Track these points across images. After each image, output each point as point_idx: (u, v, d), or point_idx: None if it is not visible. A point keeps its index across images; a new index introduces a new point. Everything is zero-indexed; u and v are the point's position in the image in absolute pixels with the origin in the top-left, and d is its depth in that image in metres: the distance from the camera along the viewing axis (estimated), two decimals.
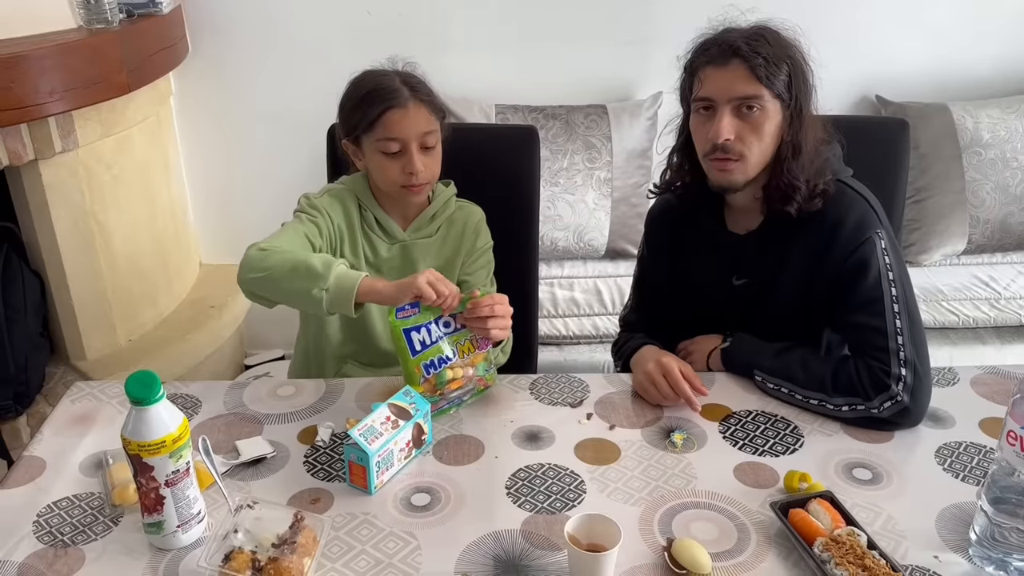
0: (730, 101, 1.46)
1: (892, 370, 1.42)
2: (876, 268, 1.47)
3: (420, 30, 2.77)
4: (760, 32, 1.47)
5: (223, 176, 2.99)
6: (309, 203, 1.63)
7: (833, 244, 1.50)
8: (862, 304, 1.48)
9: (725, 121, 1.47)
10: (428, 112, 1.58)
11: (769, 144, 1.49)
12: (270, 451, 1.38)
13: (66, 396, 1.54)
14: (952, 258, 2.79)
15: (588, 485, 1.32)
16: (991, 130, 2.72)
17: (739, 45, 1.44)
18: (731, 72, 1.45)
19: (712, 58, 1.48)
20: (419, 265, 1.71)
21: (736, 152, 1.48)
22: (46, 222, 2.30)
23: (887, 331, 1.45)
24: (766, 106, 1.46)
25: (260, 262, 1.45)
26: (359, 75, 1.65)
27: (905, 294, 1.48)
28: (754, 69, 1.44)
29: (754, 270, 1.61)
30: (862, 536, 1.15)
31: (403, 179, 1.58)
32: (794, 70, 1.46)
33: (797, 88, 1.47)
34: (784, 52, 1.46)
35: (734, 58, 1.45)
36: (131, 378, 1.12)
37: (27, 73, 2.02)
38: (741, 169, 1.50)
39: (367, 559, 1.17)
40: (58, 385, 2.39)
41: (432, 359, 1.45)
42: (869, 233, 1.48)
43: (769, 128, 1.47)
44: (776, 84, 1.45)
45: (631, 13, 2.77)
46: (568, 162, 2.69)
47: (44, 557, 1.17)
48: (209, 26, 2.75)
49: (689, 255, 1.70)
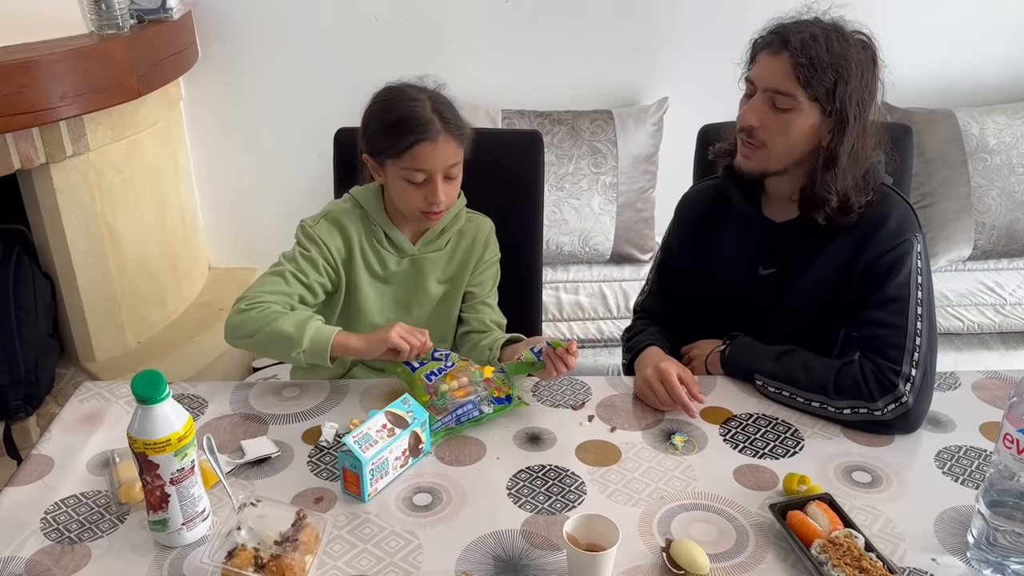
0: (766, 90, 1.47)
1: (903, 369, 1.43)
2: (908, 268, 1.48)
3: (427, 36, 2.79)
4: (825, 32, 1.45)
5: (232, 180, 3.01)
6: (305, 234, 1.65)
7: (872, 241, 1.51)
8: (887, 301, 1.49)
9: (755, 106, 1.49)
10: (456, 144, 1.57)
11: (797, 143, 1.49)
12: (274, 451, 1.40)
13: (74, 396, 1.56)
14: (958, 263, 2.79)
15: (588, 486, 1.33)
16: (997, 136, 2.72)
17: (793, 39, 1.44)
18: (777, 63, 1.46)
19: (768, 43, 1.48)
20: (428, 278, 1.72)
21: (759, 140, 1.50)
22: (57, 225, 2.33)
23: (907, 331, 1.46)
24: (800, 105, 1.46)
25: (242, 329, 1.54)
26: (388, 92, 1.61)
27: (929, 301, 1.49)
28: (796, 67, 1.43)
29: (784, 260, 1.61)
30: (860, 538, 1.15)
31: (424, 206, 1.60)
32: (845, 80, 1.44)
33: (843, 98, 1.44)
34: (840, 59, 1.43)
35: (784, 50, 1.45)
36: (137, 377, 1.13)
37: (39, 78, 2.05)
38: (761, 157, 1.51)
39: (368, 558, 1.18)
40: (67, 386, 2.42)
41: (433, 369, 1.50)
42: (909, 235, 1.50)
43: (799, 127, 1.47)
44: (816, 88, 1.44)
45: (637, 19, 2.78)
46: (574, 167, 2.70)
47: (51, 553, 1.18)
48: (218, 32, 2.78)
49: (719, 240, 1.70)
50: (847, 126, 1.46)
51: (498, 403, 1.48)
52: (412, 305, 1.74)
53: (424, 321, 1.75)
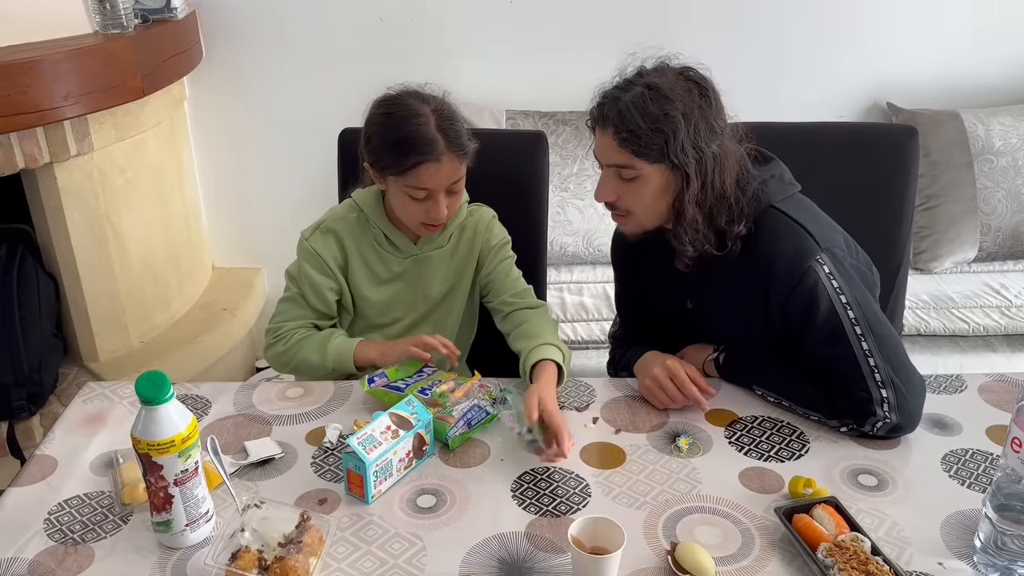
0: (608, 165, 1.46)
1: (873, 395, 1.39)
2: (826, 297, 1.41)
3: (432, 36, 2.79)
4: (640, 98, 1.39)
5: (235, 180, 3.01)
6: (301, 248, 1.69)
7: (772, 279, 1.45)
8: (824, 338, 1.43)
9: (605, 182, 1.48)
10: (460, 162, 1.57)
11: (658, 203, 1.46)
12: (278, 452, 1.39)
13: (78, 396, 1.55)
14: (963, 265, 2.78)
15: (593, 489, 1.32)
16: (1003, 137, 2.71)
17: (609, 115, 1.41)
18: (605, 139, 1.44)
19: (596, 119, 1.46)
20: (432, 276, 1.73)
21: (622, 209, 1.49)
22: (61, 225, 2.33)
23: (856, 358, 1.41)
24: (641, 172, 1.42)
25: (278, 366, 1.70)
26: (390, 104, 1.58)
27: (864, 314, 1.42)
28: (622, 142, 1.41)
29: (699, 295, 1.59)
30: (866, 542, 1.15)
31: (426, 220, 1.60)
32: (672, 135, 1.38)
33: (677, 152, 1.39)
34: (662, 118, 1.38)
35: (608, 125, 1.42)
36: (141, 378, 1.13)
37: (43, 77, 2.05)
38: (633, 223, 1.51)
39: (372, 559, 1.18)
40: (71, 386, 2.41)
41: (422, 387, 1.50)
42: (808, 263, 1.42)
43: (651, 190, 1.44)
44: (649, 153, 1.40)
45: (642, 19, 2.78)
46: (578, 167, 2.70)
47: (54, 554, 1.18)
48: (223, 32, 2.78)
49: (648, 277, 1.69)
50: (688, 178, 1.41)
51: (499, 404, 1.49)
52: (417, 303, 1.74)
53: (429, 318, 1.75)
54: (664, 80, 1.41)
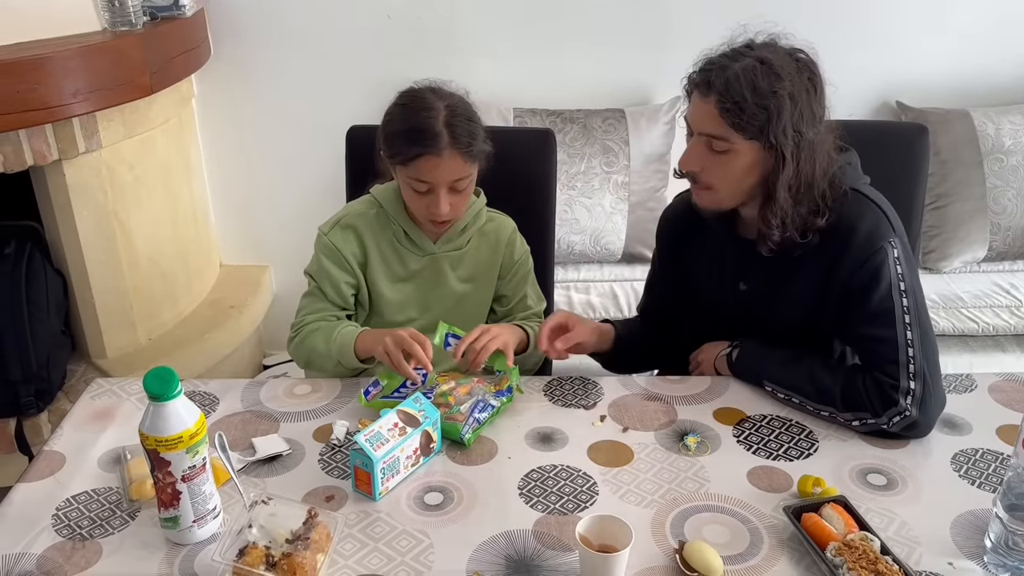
0: (700, 134, 1.44)
1: (901, 384, 1.40)
2: (888, 279, 1.43)
3: (440, 34, 2.78)
4: (751, 68, 1.37)
5: (243, 177, 3.01)
6: (320, 243, 1.69)
7: (845, 253, 1.46)
8: (873, 316, 1.45)
9: (693, 150, 1.45)
10: (463, 160, 1.55)
11: (742, 181, 1.45)
12: (285, 448, 1.39)
13: (86, 392, 1.56)
14: (972, 265, 2.77)
15: (601, 487, 1.32)
16: (1013, 136, 2.69)
17: (716, 82, 1.38)
18: (705, 106, 1.41)
19: (697, 85, 1.43)
20: (449, 276, 1.72)
21: (704, 183, 1.47)
22: (69, 222, 2.33)
23: (898, 343, 1.42)
24: (735, 146, 1.41)
25: (299, 360, 1.71)
26: (408, 95, 1.60)
27: (917, 305, 1.44)
28: (723, 112, 1.38)
29: (759, 277, 1.58)
30: (875, 541, 1.14)
31: (428, 214, 1.60)
32: (776, 115, 1.37)
33: (776, 133, 1.38)
34: (767, 96, 1.36)
35: (710, 93, 1.39)
36: (149, 374, 1.13)
37: (52, 74, 2.05)
38: (711, 198, 1.49)
39: (379, 556, 1.18)
40: (79, 382, 2.42)
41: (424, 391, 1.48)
42: (882, 243, 1.44)
43: (739, 166, 1.43)
44: (748, 128, 1.38)
45: (650, 17, 2.77)
46: (585, 166, 2.69)
47: (62, 550, 1.19)
48: (231, 29, 2.78)
49: (698, 257, 1.68)
50: (784, 160, 1.40)
51: (500, 396, 1.49)
52: (433, 303, 1.74)
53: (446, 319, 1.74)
54: (776, 57, 1.39)
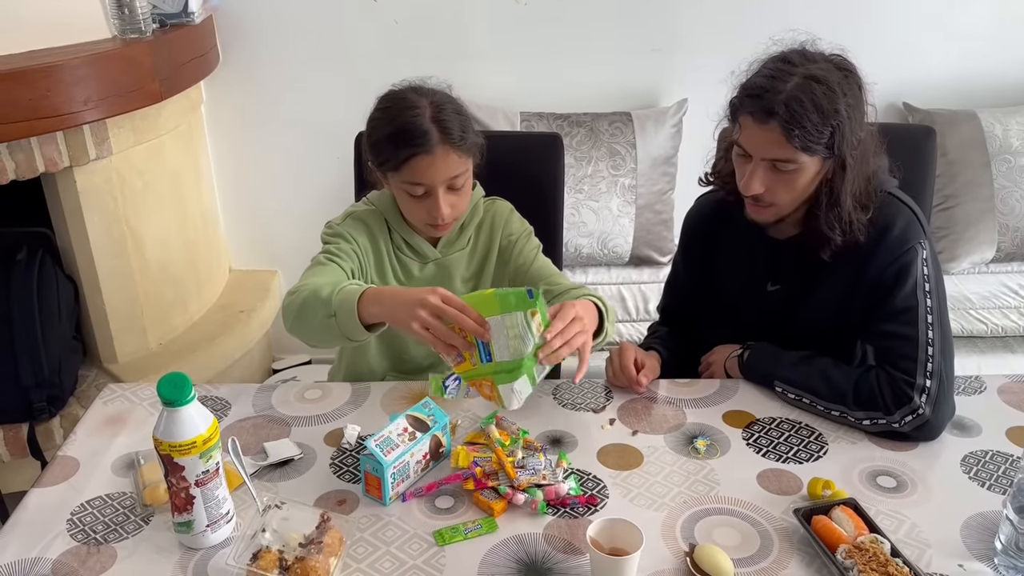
0: (763, 159, 1.43)
1: (917, 381, 1.41)
2: (915, 277, 1.46)
3: (446, 38, 2.79)
4: (808, 91, 1.36)
5: (253, 183, 3.03)
6: (331, 232, 1.62)
7: (876, 252, 1.48)
8: (896, 312, 1.46)
9: (756, 177, 1.44)
10: (458, 156, 1.50)
11: (805, 191, 1.46)
12: (297, 453, 1.40)
13: (99, 398, 1.57)
14: (980, 266, 2.76)
15: (611, 490, 1.32)
16: (1020, 137, 2.69)
17: (778, 110, 1.36)
18: (767, 133, 1.39)
19: (752, 111, 1.40)
20: (454, 279, 1.69)
21: (767, 201, 1.48)
22: (80, 228, 2.35)
23: (918, 341, 1.43)
24: (801, 165, 1.41)
25: (288, 308, 1.46)
26: (388, 99, 1.54)
27: (940, 308, 1.46)
28: (790, 137, 1.37)
29: (789, 277, 1.59)
30: (885, 543, 1.14)
31: (429, 219, 1.55)
32: (840, 127, 1.38)
33: (841, 143, 1.39)
34: (833, 113, 1.36)
35: (771, 119, 1.37)
36: (163, 380, 1.14)
37: (63, 82, 2.07)
38: (773, 212, 1.50)
39: (391, 560, 1.18)
40: (90, 388, 2.44)
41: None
42: (914, 242, 1.47)
43: (804, 181, 1.44)
44: (815, 148, 1.39)
45: (656, 21, 2.77)
46: (592, 169, 2.70)
47: (77, 554, 1.20)
48: (239, 36, 2.79)
49: (724, 258, 1.69)
50: (847, 167, 1.42)
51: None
52: None
53: None
54: (822, 70, 1.39)
